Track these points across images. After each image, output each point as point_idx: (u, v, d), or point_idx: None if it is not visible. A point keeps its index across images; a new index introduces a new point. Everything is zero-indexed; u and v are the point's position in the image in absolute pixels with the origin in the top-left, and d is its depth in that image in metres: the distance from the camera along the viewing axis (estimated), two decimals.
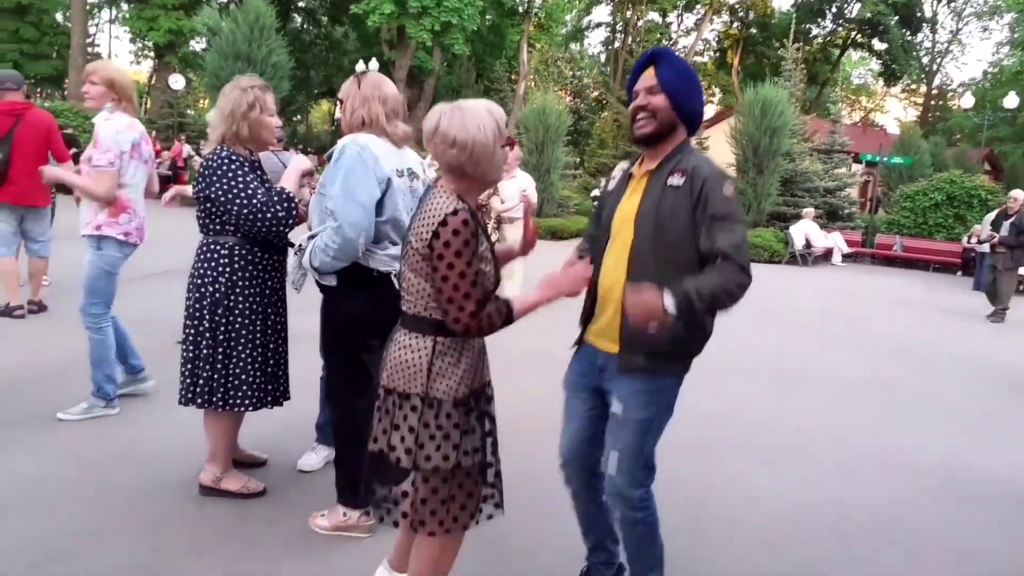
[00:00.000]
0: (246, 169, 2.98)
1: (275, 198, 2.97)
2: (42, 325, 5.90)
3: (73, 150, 6.78)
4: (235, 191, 2.92)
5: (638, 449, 2.31)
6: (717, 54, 47.06)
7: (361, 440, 2.78)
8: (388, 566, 2.48)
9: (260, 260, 3.08)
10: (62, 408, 3.93)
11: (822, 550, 3.20)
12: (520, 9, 33.41)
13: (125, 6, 32.74)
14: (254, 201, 2.91)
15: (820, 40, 42.57)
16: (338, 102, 3.03)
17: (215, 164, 2.95)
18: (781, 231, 17.22)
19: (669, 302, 2.03)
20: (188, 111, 25.90)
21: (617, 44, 42.60)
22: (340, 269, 2.75)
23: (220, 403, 3.03)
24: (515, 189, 7.38)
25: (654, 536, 2.42)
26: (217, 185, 2.92)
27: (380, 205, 2.73)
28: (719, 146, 20.58)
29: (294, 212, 3.02)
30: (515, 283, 8.27)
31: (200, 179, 2.98)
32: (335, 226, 2.64)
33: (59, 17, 30.97)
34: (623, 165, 2.53)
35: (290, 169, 3.20)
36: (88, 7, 30.83)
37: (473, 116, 2.04)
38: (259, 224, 2.93)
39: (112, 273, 3.93)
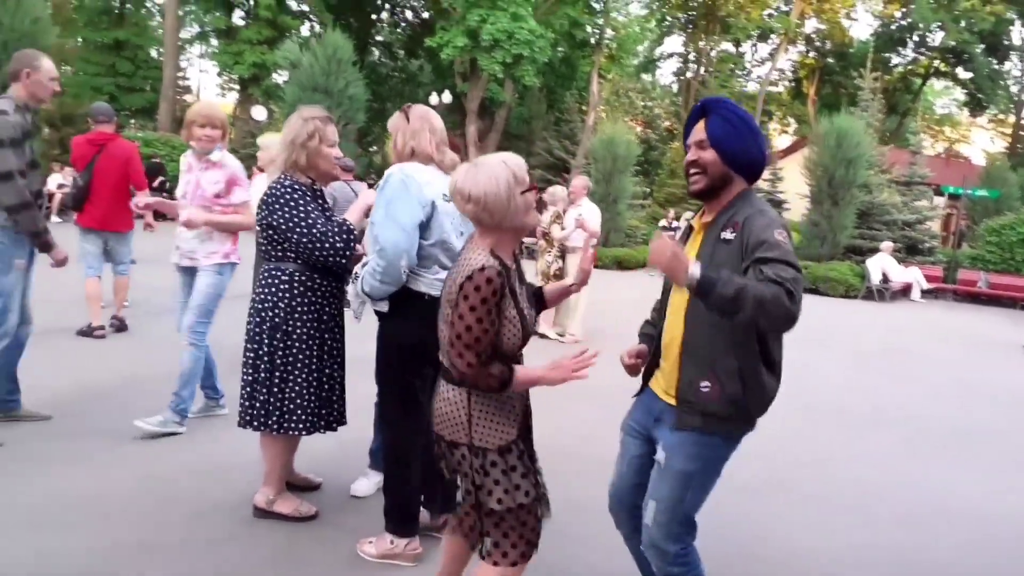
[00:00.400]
0: (308, 198, 3.07)
1: (335, 229, 3.05)
2: (122, 344, 6.18)
3: (160, 178, 7.18)
4: (295, 220, 3.01)
5: (676, 502, 2.25)
6: (793, 83, 46.28)
7: (409, 467, 2.88)
8: None
9: (319, 286, 3.15)
10: (131, 424, 4.08)
11: None
12: (591, 40, 33.61)
13: (214, 41, 34.38)
14: (313, 231, 3.00)
15: (901, 69, 41.43)
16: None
17: (277, 193, 3.05)
18: (857, 264, 16.68)
19: (696, 268, 1.96)
20: None
21: (690, 74, 42.42)
22: (392, 294, 2.81)
23: (275, 427, 3.10)
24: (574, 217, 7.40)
25: None
26: (279, 214, 3.02)
27: (426, 228, 2.80)
28: (794, 176, 20.20)
29: (352, 243, 3.09)
30: (577, 316, 8.26)
31: (262, 207, 3.07)
32: (378, 249, 2.71)
33: (153, 53, 32.68)
34: (688, 216, 2.51)
35: (357, 202, 3.31)
36: (180, 43, 32.50)
37: (486, 170, 2.11)
38: (317, 253, 3.02)
39: (222, 295, 4.26)
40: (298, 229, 3.00)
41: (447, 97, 28.28)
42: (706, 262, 2.18)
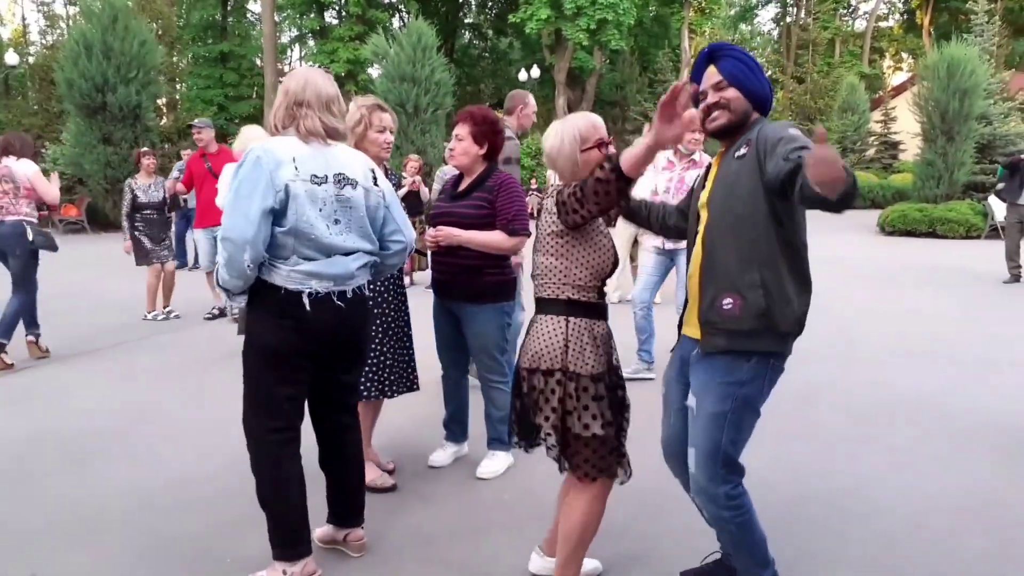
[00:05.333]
0: None
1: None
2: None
3: None
4: None
5: (714, 446, 2.22)
6: (904, 15, 43.28)
7: (286, 484, 2.57)
8: (540, 551, 2.66)
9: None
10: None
11: (974, 548, 2.95)
12: None
13: (311, 43, 35.67)
14: None
15: None
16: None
17: None
18: (979, 203, 15.57)
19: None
20: None
21: (789, 19, 40.42)
22: (251, 287, 2.51)
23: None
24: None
25: (748, 534, 2.31)
26: None
27: (281, 215, 2.43)
28: (906, 116, 19.01)
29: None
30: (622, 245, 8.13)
31: None
32: (221, 238, 2.41)
33: (257, 61, 34.25)
34: (708, 159, 2.52)
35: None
36: (279, 47, 33.91)
37: (558, 128, 2.38)
38: None
39: None
40: None
41: (535, 72, 28.31)
42: (722, 184, 2.25)
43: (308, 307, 2.46)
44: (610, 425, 2.33)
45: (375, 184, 2.68)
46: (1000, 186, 10.00)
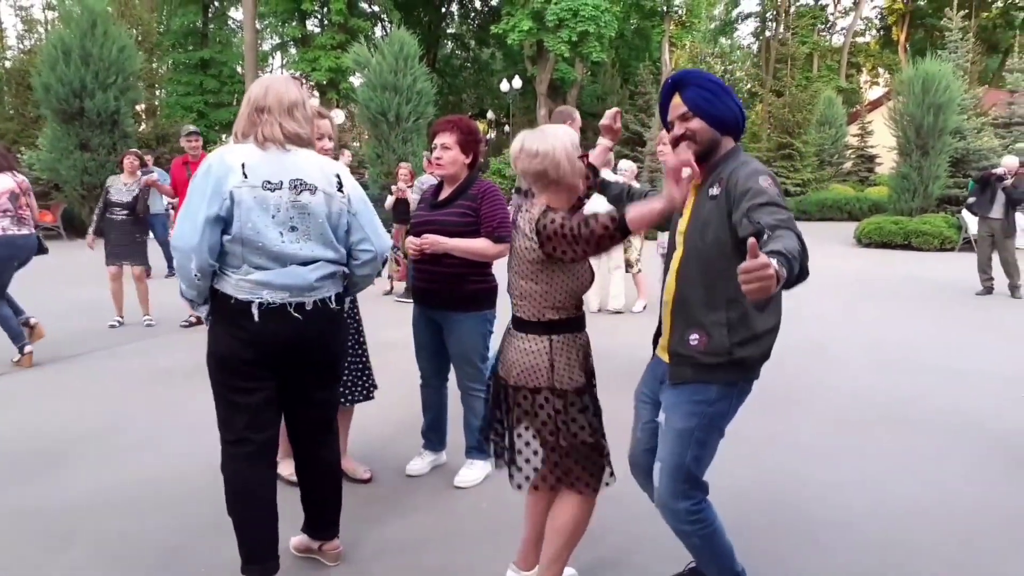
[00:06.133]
0: None
1: None
2: None
3: None
4: None
5: (678, 462, 2.28)
6: (881, 31, 43.96)
7: (247, 493, 2.53)
8: (515, 568, 2.65)
9: None
10: None
11: (948, 556, 2.99)
12: (661, 10, 32.92)
13: (293, 51, 35.55)
14: None
15: (1001, 4, 38.61)
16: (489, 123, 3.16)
17: None
18: (953, 216, 15.80)
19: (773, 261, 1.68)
20: (353, 143, 27.63)
21: (768, 34, 40.91)
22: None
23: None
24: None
25: (711, 546, 2.37)
26: None
27: (228, 222, 2.39)
28: (883, 130, 19.26)
29: None
30: (634, 250, 8.27)
31: None
32: (171, 246, 2.43)
33: (238, 68, 34.09)
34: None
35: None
36: (261, 54, 33.78)
37: (552, 131, 2.37)
38: None
39: None
40: None
41: (517, 83, 28.39)
42: (696, 219, 2.25)
43: (257, 317, 2.40)
44: (597, 431, 2.42)
45: (339, 190, 2.59)
46: (971, 200, 10.17)
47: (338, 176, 2.61)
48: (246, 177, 2.38)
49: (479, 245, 3.35)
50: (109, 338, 6.98)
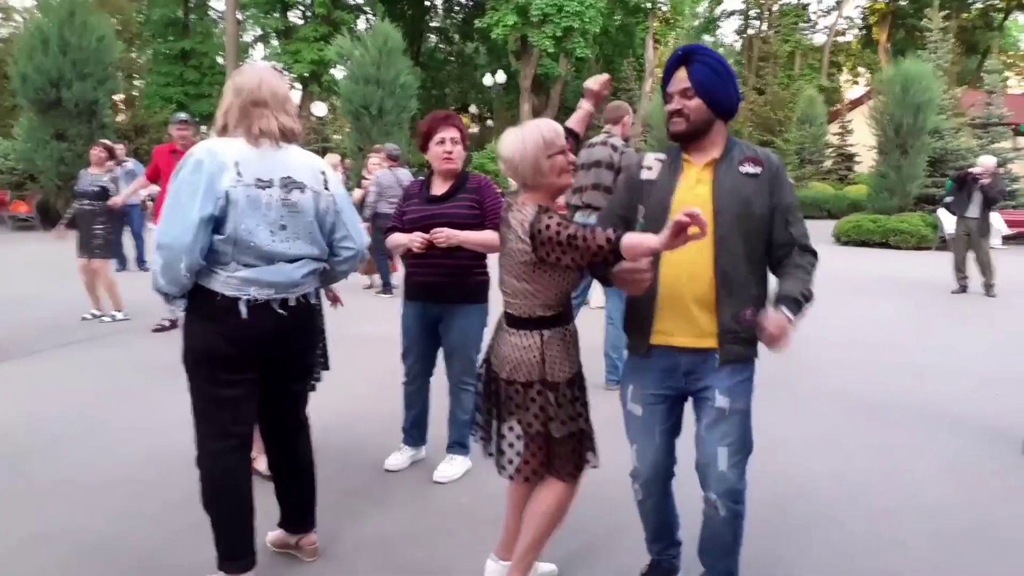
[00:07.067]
0: None
1: None
2: None
3: None
4: None
5: (747, 439, 2.35)
6: (863, 31, 44.30)
7: (224, 489, 2.51)
8: (495, 558, 2.65)
9: None
10: None
11: (920, 555, 3.02)
12: (646, 6, 32.97)
13: (275, 42, 35.23)
14: None
15: (980, 5, 39.05)
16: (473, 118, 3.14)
17: None
18: (930, 215, 15.98)
19: (788, 313, 2.18)
20: (335, 136, 27.48)
21: (751, 32, 41.14)
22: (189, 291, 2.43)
23: None
24: None
25: (742, 528, 2.41)
26: None
27: (221, 222, 2.34)
28: (862, 128, 19.42)
29: None
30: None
31: None
32: (157, 244, 2.34)
33: (219, 59, 33.75)
34: (660, 156, 2.44)
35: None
36: (242, 46, 33.44)
37: (517, 133, 2.34)
38: None
39: None
40: None
41: (501, 77, 28.35)
42: (733, 195, 2.26)
43: (245, 314, 2.39)
44: (586, 418, 2.48)
45: (326, 188, 2.58)
46: (948, 199, 10.29)
47: (323, 173, 2.60)
48: (240, 176, 2.33)
49: (489, 237, 3.33)
50: (84, 332, 6.90)
